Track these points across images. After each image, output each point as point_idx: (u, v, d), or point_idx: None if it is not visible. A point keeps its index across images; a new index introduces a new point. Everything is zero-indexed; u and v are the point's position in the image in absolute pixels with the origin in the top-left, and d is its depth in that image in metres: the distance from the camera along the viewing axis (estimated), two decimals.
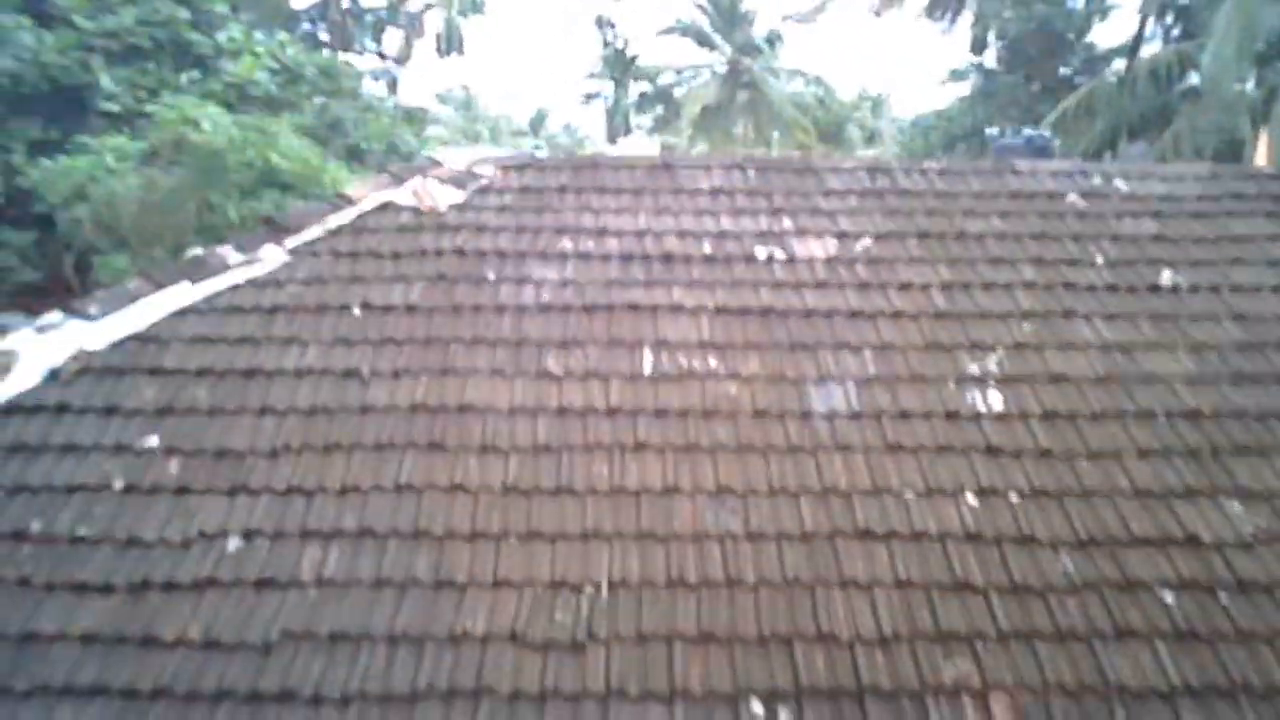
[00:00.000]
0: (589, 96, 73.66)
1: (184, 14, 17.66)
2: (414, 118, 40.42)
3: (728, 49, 58.76)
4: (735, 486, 4.32)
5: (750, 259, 5.69)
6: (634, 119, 65.70)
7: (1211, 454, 4.50)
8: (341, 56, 41.78)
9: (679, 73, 60.90)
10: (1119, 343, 5.08)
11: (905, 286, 5.48)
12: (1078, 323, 5.22)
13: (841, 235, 5.89)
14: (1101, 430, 4.61)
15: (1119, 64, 35.48)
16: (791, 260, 5.68)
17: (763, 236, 5.88)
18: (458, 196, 6.24)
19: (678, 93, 59.82)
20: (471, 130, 72.14)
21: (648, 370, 4.91)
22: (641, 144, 51.32)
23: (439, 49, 57.54)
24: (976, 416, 4.68)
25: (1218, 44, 22.12)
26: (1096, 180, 6.44)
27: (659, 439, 4.54)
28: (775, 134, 56.98)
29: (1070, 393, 4.80)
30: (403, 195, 6.23)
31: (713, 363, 4.97)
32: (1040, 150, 26.38)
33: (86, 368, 4.89)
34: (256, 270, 5.58)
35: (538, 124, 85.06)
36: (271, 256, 5.69)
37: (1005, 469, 4.42)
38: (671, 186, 6.35)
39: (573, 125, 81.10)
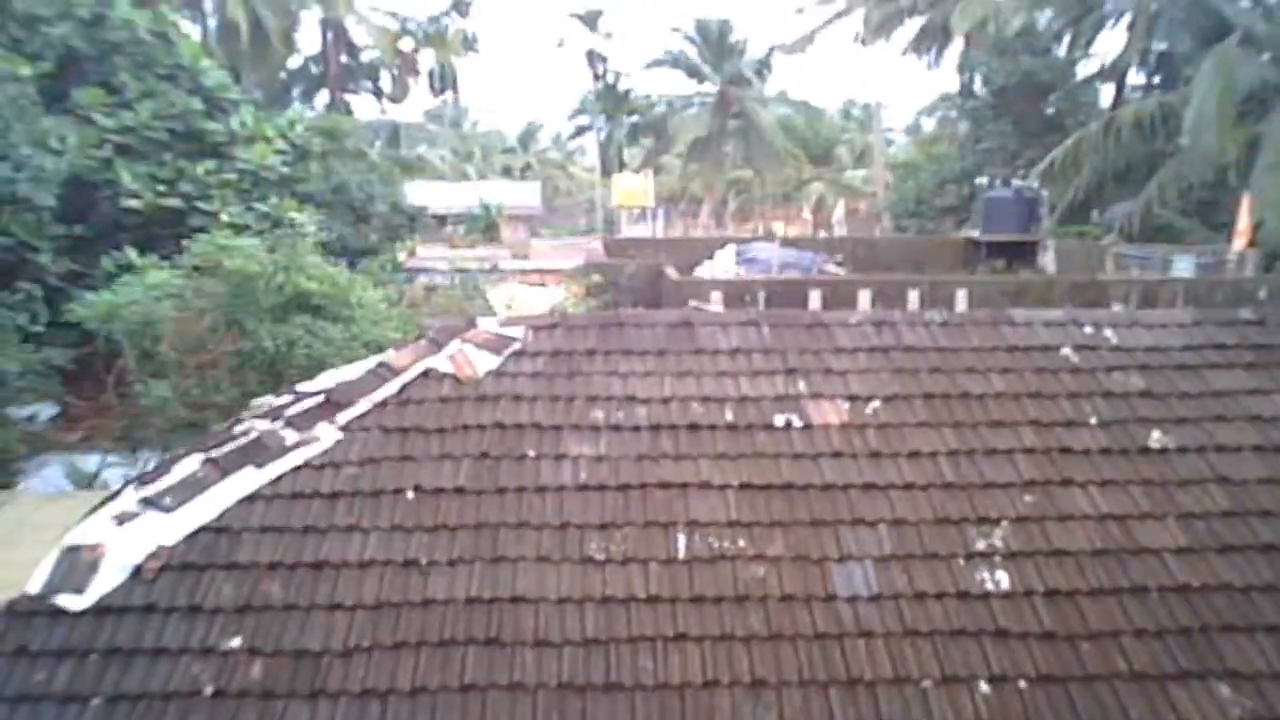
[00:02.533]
0: (581, 129, 74.41)
1: (197, 104, 18.19)
2: (411, 166, 40.92)
3: (717, 79, 59.60)
4: (769, 678, 4.76)
5: (769, 427, 6.14)
6: (626, 151, 66.44)
7: (1201, 632, 4.94)
8: (340, 98, 42.68)
9: (669, 104, 61.68)
10: (1113, 514, 5.53)
11: (914, 455, 5.93)
12: (1075, 492, 5.67)
13: (852, 398, 6.35)
14: (1100, 608, 5.05)
15: (1104, 102, 36.43)
16: (808, 427, 6.13)
17: (780, 401, 6.33)
18: (493, 362, 6.69)
19: (669, 124, 60.58)
20: (463, 149, 72.92)
21: (682, 553, 5.35)
22: (634, 177, 51.83)
23: (432, 87, 58.38)
24: (986, 596, 5.12)
25: (1199, 101, 22.79)
26: (1088, 330, 6.89)
27: (697, 629, 4.98)
28: (764, 163, 57.75)
29: (1070, 568, 5.25)
30: (442, 362, 6.68)
31: (741, 543, 5.41)
32: (1029, 202, 27.12)
33: (167, 564, 5.32)
34: (314, 450, 6.02)
35: (527, 140, 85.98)
36: (326, 435, 6.13)
37: (1014, 653, 4.86)
38: (692, 346, 6.80)
39: (562, 137, 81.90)
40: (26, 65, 16.56)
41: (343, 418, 6.25)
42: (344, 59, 42.19)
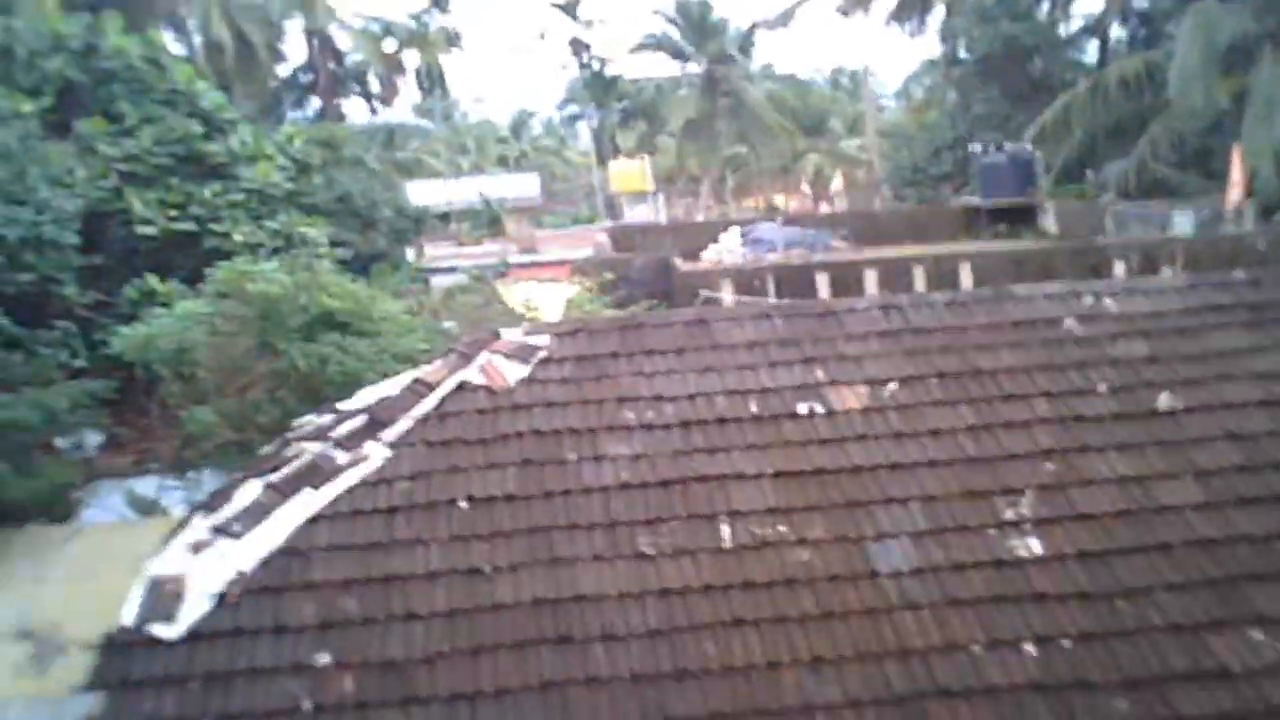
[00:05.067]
0: (572, 118, 74.52)
1: (196, 127, 18.47)
2: (409, 167, 41.17)
3: (702, 60, 59.76)
4: (827, 655, 5.08)
5: (794, 415, 6.44)
6: (620, 136, 66.61)
7: (1228, 582, 5.25)
8: (332, 104, 42.98)
9: (658, 88, 61.81)
10: (1132, 475, 5.84)
11: (935, 433, 6.23)
12: (1093, 458, 5.97)
13: (870, 382, 6.64)
14: (1131, 567, 5.36)
15: (1090, 59, 36.64)
16: (831, 414, 6.43)
17: (801, 390, 6.62)
18: (523, 371, 7.00)
19: (660, 107, 60.78)
20: (457, 142, 73.14)
21: (728, 543, 5.67)
22: (630, 163, 52.13)
23: (420, 86, 58.57)
24: (1020, 562, 5.44)
25: (1182, 55, 23.09)
26: (1088, 301, 7.17)
27: (753, 613, 5.30)
28: (758, 138, 57.93)
29: (1098, 531, 5.56)
30: (473, 374, 6.99)
31: (782, 529, 5.72)
32: (1024, 165, 27.49)
33: (247, 589, 5.64)
34: (366, 468, 6.34)
35: (519, 128, 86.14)
36: (375, 452, 6.45)
37: (1055, 615, 5.18)
38: (710, 342, 7.09)
39: (554, 123, 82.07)
40: (27, 101, 16.87)
41: (388, 435, 6.56)
42: (331, 66, 42.33)
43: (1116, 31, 35.14)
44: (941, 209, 35.81)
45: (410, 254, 27.56)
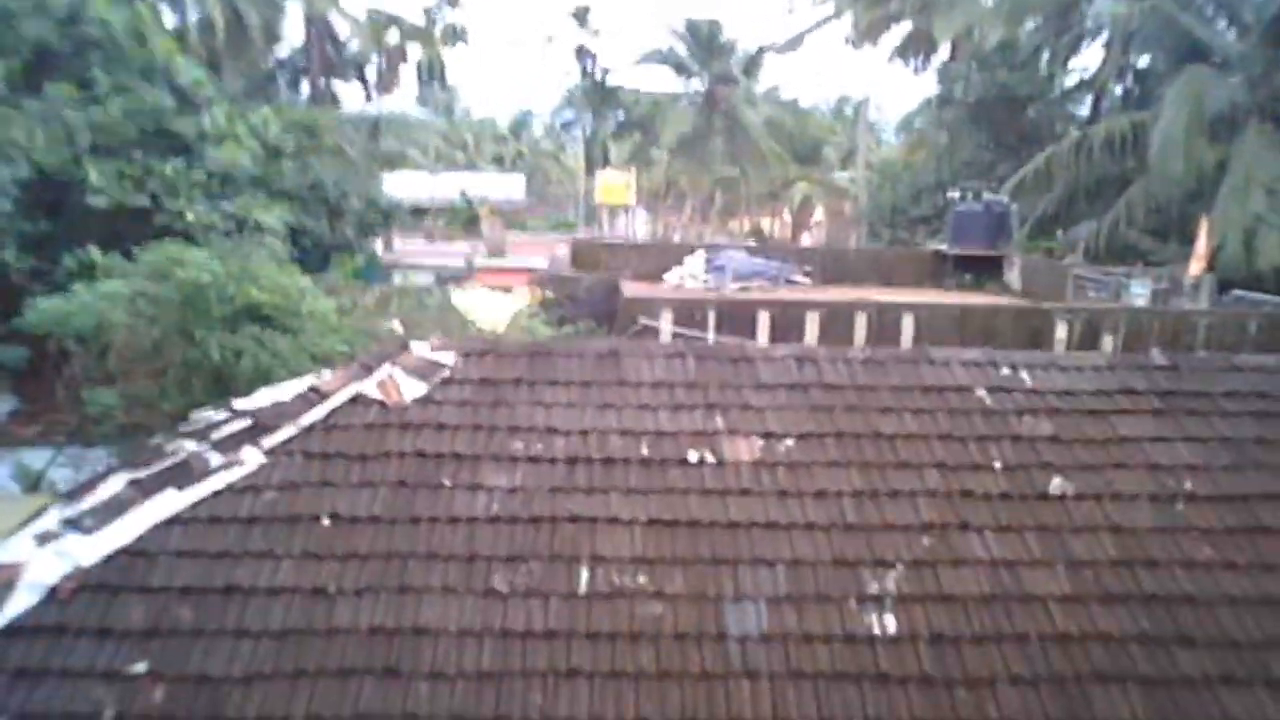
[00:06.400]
0: (567, 124, 74.51)
1: (168, 101, 18.28)
2: (393, 159, 41.00)
3: (706, 77, 59.86)
4: (652, 717, 4.92)
5: (683, 462, 6.30)
6: (612, 146, 66.59)
7: (1074, 680, 5.12)
8: (325, 87, 42.88)
9: (656, 102, 61.86)
10: (1006, 559, 5.71)
11: (820, 494, 6.09)
12: (971, 537, 5.84)
13: (768, 435, 6.51)
14: (980, 654, 5.23)
15: (1084, 115, 36.79)
16: (720, 464, 6.29)
17: (696, 437, 6.49)
18: (421, 389, 6.84)
19: (655, 120, 60.78)
20: (456, 136, 72.98)
21: (583, 589, 5.51)
22: (617, 174, 52.05)
23: (420, 78, 58.42)
24: (871, 640, 5.29)
25: (1168, 119, 23.11)
26: (1005, 372, 7.07)
27: (589, 664, 5.13)
28: (750, 162, 58.02)
29: (957, 613, 5.42)
30: (370, 388, 6.83)
31: (642, 579, 5.57)
32: (999, 217, 27.53)
33: (83, 585, 5.46)
34: (237, 474, 6.17)
35: (519, 128, 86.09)
36: (251, 458, 6.28)
37: (892, 697, 5.04)
38: (617, 378, 6.97)
39: (555, 127, 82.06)
40: None
41: (268, 441, 6.39)
42: (329, 51, 42.17)
43: (1113, 88, 35.25)
44: (910, 253, 35.81)
45: (379, 247, 27.35)
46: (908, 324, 20.06)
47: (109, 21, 18.95)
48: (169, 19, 28.97)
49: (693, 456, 6.35)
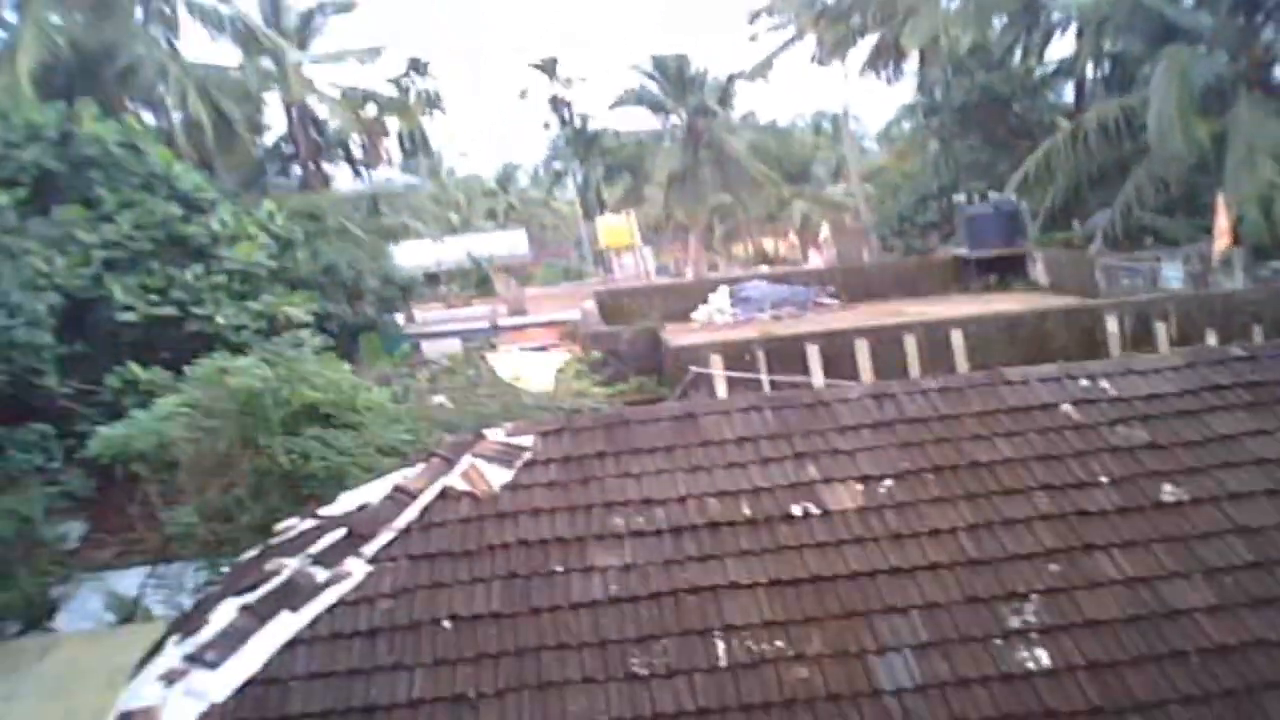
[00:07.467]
0: (558, 175, 74.86)
1: (175, 210, 18.38)
2: (395, 231, 41.21)
3: (683, 112, 60.10)
4: None
5: (788, 517, 6.22)
6: (605, 190, 66.86)
7: (1247, 693, 5.01)
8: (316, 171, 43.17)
9: (640, 142, 62.15)
10: (1140, 576, 5.61)
11: (934, 533, 6.01)
12: (1099, 557, 5.75)
13: (865, 479, 6.43)
14: (1143, 678, 5.11)
15: (1069, 101, 37.01)
16: (826, 514, 6.21)
17: (794, 490, 6.41)
18: (507, 475, 6.80)
19: (644, 161, 61.05)
20: (445, 196, 73.24)
21: (723, 661, 5.42)
22: (617, 219, 52.32)
23: (403, 148, 58.62)
24: (1028, 675, 5.18)
25: (1159, 101, 23.24)
26: (1084, 383, 7.00)
27: None
28: (742, 188, 58.23)
29: (1107, 638, 5.31)
30: (456, 480, 6.78)
31: (779, 643, 5.48)
32: (1010, 215, 27.53)
33: None
34: (345, 586, 6.10)
35: (506, 181, 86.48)
36: (355, 569, 6.22)
37: None
38: (699, 438, 6.92)
39: (540, 175, 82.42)
40: (3, 193, 16.82)
41: (369, 549, 6.34)
42: (312, 134, 42.42)
43: (1091, 73, 35.42)
44: (930, 261, 35.72)
45: (400, 319, 27.42)
46: (958, 339, 19.93)
47: (102, 138, 19.10)
48: (151, 120, 29.08)
49: (796, 510, 6.27)
